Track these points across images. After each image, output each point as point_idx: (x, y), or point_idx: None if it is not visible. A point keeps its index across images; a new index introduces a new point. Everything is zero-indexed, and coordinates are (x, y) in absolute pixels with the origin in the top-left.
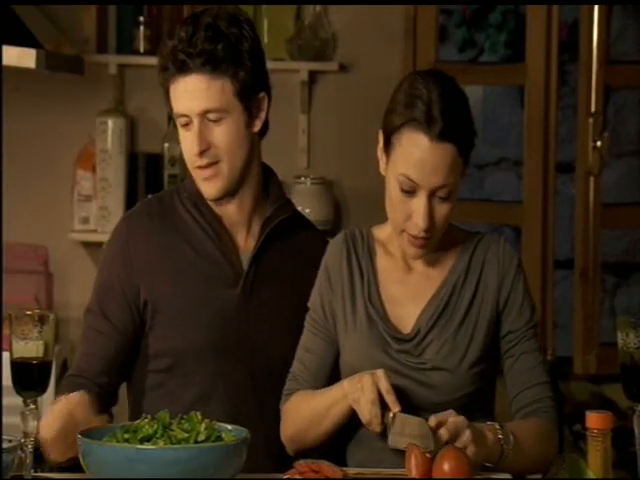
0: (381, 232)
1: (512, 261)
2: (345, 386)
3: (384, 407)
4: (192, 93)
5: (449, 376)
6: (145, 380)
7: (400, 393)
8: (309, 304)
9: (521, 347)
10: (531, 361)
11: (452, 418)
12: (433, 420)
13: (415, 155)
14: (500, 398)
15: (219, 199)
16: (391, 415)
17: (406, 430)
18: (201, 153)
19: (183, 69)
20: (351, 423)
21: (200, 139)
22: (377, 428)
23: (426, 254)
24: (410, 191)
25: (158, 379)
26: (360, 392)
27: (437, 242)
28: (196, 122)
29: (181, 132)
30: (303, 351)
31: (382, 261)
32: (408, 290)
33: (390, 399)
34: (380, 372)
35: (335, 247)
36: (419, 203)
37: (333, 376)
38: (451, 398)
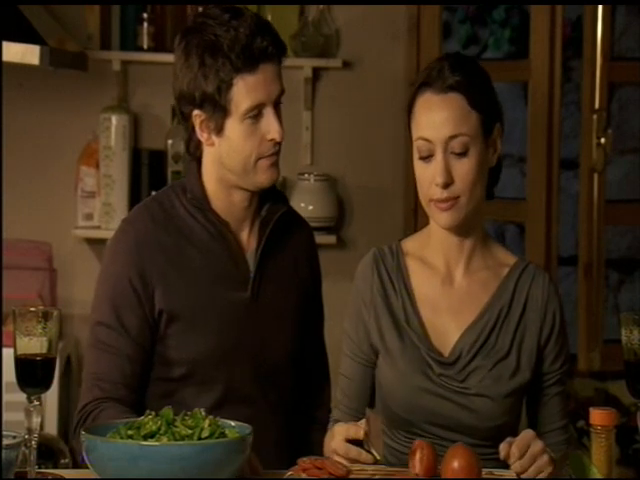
0: (411, 243)
1: (556, 305)
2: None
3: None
4: (273, 78)
5: (490, 403)
6: (152, 389)
7: (440, 415)
8: (345, 326)
9: (555, 388)
10: (558, 404)
11: (542, 457)
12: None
13: (425, 114)
14: None
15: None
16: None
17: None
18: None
19: (264, 56)
20: None
21: (280, 124)
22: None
23: (456, 224)
24: (428, 156)
25: (169, 387)
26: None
27: (469, 214)
28: (271, 109)
29: (248, 124)
30: (343, 378)
31: (417, 279)
32: (449, 305)
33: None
34: (335, 428)
35: (365, 267)
36: (436, 162)
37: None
38: (491, 425)
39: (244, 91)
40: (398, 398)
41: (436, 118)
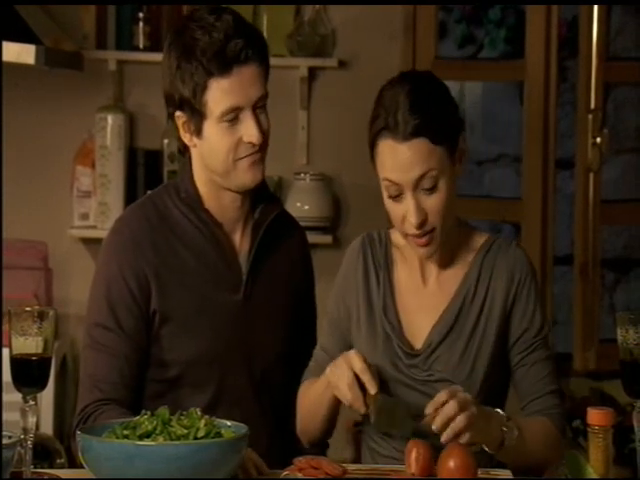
0: (398, 235)
1: (523, 268)
2: (327, 373)
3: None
4: (250, 81)
5: None
6: (145, 389)
7: (409, 405)
8: (327, 307)
9: (533, 357)
10: (542, 370)
11: (462, 393)
12: (431, 405)
13: (389, 160)
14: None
15: (258, 184)
16: (371, 395)
17: (385, 412)
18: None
19: (238, 59)
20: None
21: (260, 128)
22: (361, 409)
23: (435, 252)
24: (397, 195)
25: (160, 388)
26: (337, 377)
27: (446, 237)
28: (249, 112)
29: (225, 127)
30: (318, 349)
31: (400, 272)
32: (423, 302)
33: (365, 378)
34: (352, 353)
35: (353, 252)
36: (407, 202)
37: None
38: None
39: (218, 95)
40: None
41: (403, 162)
